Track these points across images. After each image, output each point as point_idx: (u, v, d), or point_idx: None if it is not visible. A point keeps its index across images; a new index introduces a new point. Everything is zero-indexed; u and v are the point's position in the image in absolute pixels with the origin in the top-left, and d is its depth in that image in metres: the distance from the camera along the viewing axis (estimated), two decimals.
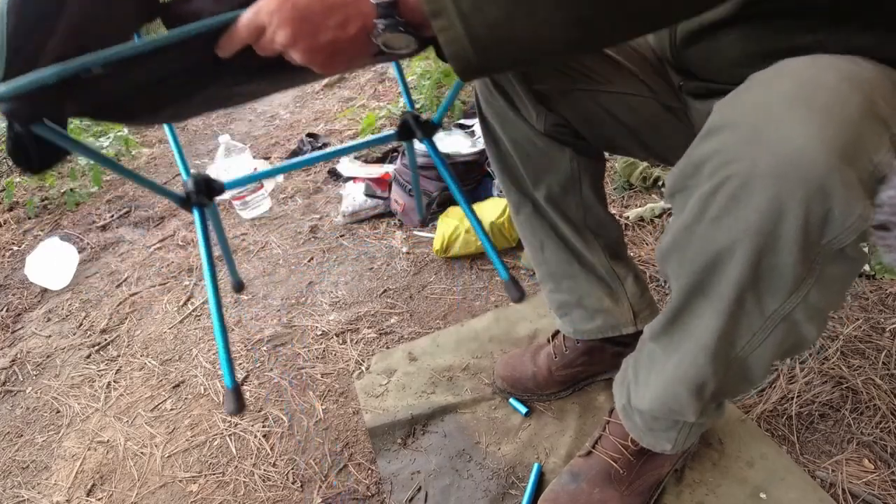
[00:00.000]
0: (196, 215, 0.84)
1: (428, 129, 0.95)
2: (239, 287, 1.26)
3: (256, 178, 0.97)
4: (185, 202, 0.84)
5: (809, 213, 0.44)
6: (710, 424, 0.80)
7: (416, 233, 1.59)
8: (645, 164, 1.66)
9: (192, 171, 0.86)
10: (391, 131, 0.96)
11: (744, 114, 0.46)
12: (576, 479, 0.84)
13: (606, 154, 0.94)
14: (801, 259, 0.47)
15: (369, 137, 1.01)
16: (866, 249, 1.29)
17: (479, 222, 0.96)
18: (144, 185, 0.81)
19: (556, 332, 1.06)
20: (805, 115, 0.43)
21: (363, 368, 1.19)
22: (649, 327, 0.72)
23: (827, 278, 0.50)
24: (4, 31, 0.59)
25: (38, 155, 0.65)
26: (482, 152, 1.58)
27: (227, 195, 1.45)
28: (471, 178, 1.63)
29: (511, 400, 1.04)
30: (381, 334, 1.29)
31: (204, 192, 0.83)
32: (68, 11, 0.66)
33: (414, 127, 0.92)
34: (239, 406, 0.84)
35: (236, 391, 0.83)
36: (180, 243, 1.83)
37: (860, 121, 0.43)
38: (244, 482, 1.00)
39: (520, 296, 1.04)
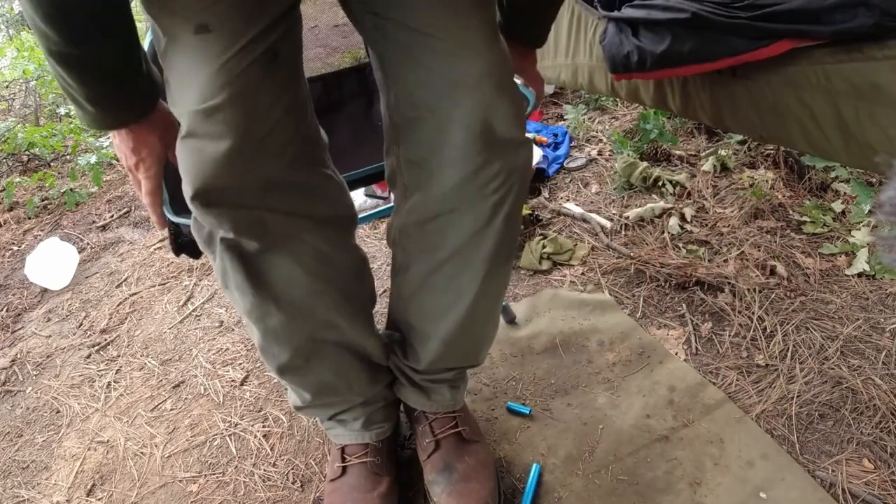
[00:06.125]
0: None
1: None
2: None
3: None
4: None
5: None
6: None
7: None
8: (645, 163, 1.65)
9: None
10: None
11: None
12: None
13: (606, 154, 0.94)
14: None
15: None
16: (866, 250, 1.29)
17: None
18: None
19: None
20: None
21: None
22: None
23: None
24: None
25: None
26: None
27: None
28: None
29: (509, 404, 1.04)
30: None
31: None
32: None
33: None
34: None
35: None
36: None
37: None
38: (244, 482, 1.00)
39: (511, 319, 1.25)
